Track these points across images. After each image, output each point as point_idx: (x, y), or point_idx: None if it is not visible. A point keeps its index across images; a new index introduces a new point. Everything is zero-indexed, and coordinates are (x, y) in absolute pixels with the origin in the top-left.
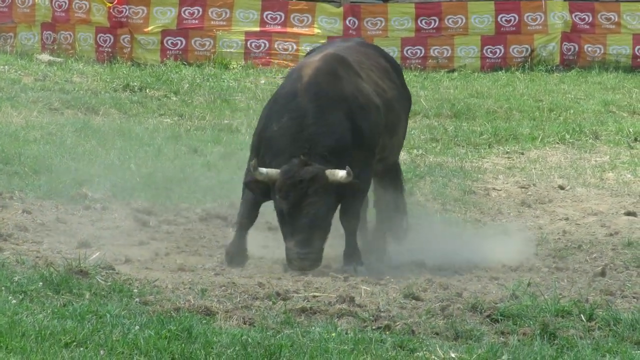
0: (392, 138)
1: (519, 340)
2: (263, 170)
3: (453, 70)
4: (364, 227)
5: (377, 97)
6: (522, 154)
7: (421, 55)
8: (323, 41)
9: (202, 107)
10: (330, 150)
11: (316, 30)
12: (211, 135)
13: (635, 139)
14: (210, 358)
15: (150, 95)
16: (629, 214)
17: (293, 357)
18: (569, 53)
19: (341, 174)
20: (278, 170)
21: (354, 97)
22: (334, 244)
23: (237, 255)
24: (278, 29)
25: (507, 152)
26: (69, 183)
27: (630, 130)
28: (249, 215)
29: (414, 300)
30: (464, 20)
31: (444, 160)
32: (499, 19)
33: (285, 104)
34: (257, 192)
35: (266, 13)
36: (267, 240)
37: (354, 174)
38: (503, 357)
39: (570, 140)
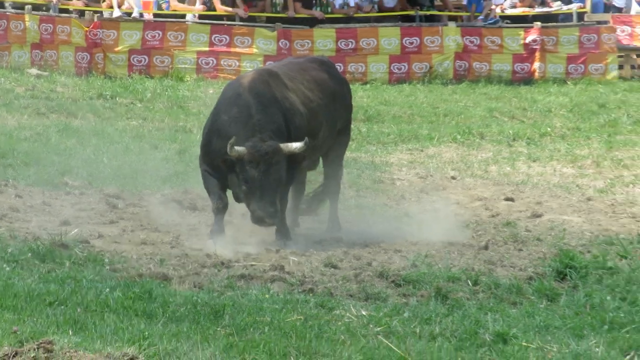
0: (315, 140)
1: (417, 301)
2: (238, 147)
3: (366, 83)
4: (295, 210)
5: (301, 105)
6: (422, 150)
7: (341, 70)
8: (260, 59)
9: (161, 112)
10: (272, 135)
11: (254, 50)
12: (169, 134)
13: (514, 139)
14: (167, 314)
15: (120, 103)
16: (507, 199)
17: (234, 314)
18: (461, 69)
19: (295, 145)
20: (244, 148)
21: (283, 100)
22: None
23: (219, 235)
24: (224, 49)
25: (410, 149)
26: (53, 173)
27: (510, 131)
28: (221, 200)
29: (332, 269)
30: (375, 42)
31: (358, 156)
32: (403, 42)
33: (232, 101)
34: (224, 169)
35: (214, 36)
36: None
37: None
38: (404, 314)
39: (461, 140)
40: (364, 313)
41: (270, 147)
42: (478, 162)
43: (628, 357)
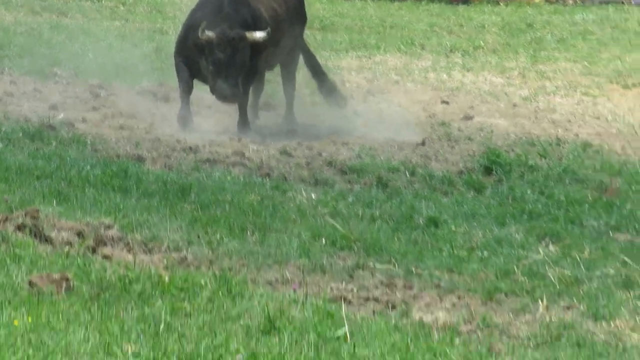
0: (279, 43)
1: (360, 188)
2: (208, 32)
3: None
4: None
5: (266, 13)
6: (370, 58)
7: None
8: None
9: (142, 15)
10: (239, 27)
11: None
12: (147, 35)
13: (451, 51)
14: (140, 190)
15: (105, 5)
16: (443, 102)
17: (199, 192)
18: None
19: (259, 34)
20: (214, 32)
21: (253, 6)
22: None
23: (186, 117)
24: None
25: (359, 56)
26: (44, 64)
27: (448, 44)
28: (188, 85)
29: (287, 157)
30: None
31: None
32: None
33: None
34: (195, 57)
35: None
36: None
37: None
38: (349, 199)
39: (404, 50)
40: (313, 196)
41: (237, 34)
42: (419, 70)
43: (543, 242)
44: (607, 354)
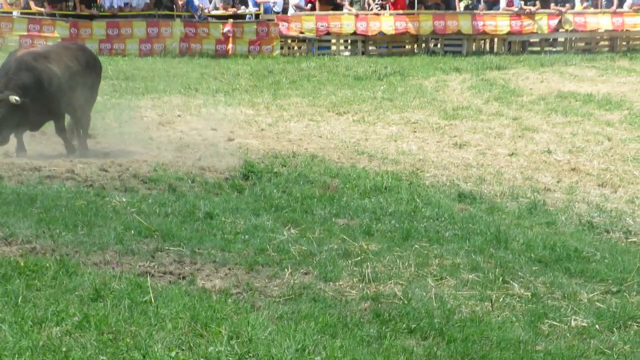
0: (73, 94)
1: (157, 192)
2: None
3: (125, 56)
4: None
5: (60, 70)
6: (159, 99)
7: (109, 48)
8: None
9: None
10: (20, 89)
11: (56, 35)
12: None
13: (216, 92)
14: (1, 199)
15: None
16: (212, 129)
17: (44, 200)
18: (184, 48)
19: (13, 98)
20: None
21: (41, 68)
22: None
23: (20, 151)
24: (36, 34)
25: (152, 98)
26: None
27: (214, 87)
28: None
29: (104, 172)
30: (130, 30)
31: (120, 102)
32: (148, 30)
33: (4, 63)
34: None
35: (30, 25)
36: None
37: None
38: (149, 201)
39: (184, 92)
40: (124, 200)
41: (2, 96)
42: (194, 106)
43: (286, 227)
44: (334, 306)
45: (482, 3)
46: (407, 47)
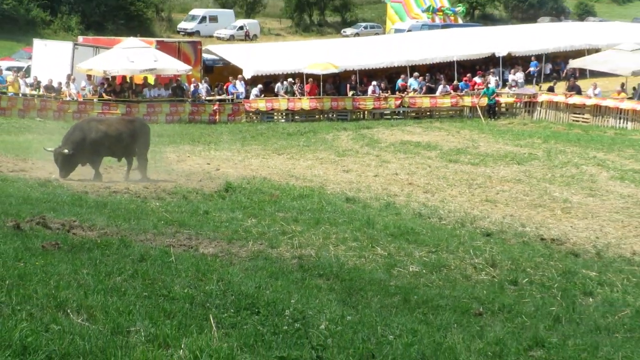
0: (124, 145)
1: (176, 199)
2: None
3: (157, 123)
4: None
5: (106, 129)
6: (177, 147)
7: (149, 119)
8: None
9: None
10: (71, 145)
11: None
12: None
13: (196, 142)
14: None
15: None
16: (207, 164)
17: (112, 205)
18: None
19: (63, 150)
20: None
21: (89, 128)
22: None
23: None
24: None
25: (173, 147)
26: None
27: (208, 140)
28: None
29: (146, 189)
30: None
31: (154, 149)
32: None
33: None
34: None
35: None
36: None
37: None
38: (171, 204)
39: (191, 143)
40: (157, 204)
41: (57, 149)
42: (197, 151)
43: (249, 218)
44: (277, 262)
45: (357, 91)
46: (316, 117)
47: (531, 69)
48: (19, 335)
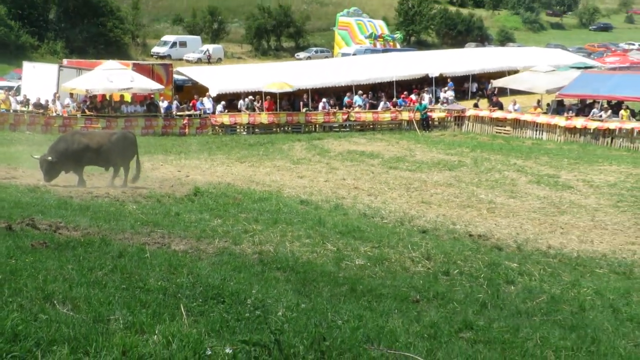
0: (104, 155)
1: (151, 202)
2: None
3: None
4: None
5: (88, 142)
6: (151, 157)
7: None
8: None
9: None
10: (55, 154)
11: None
12: None
13: (168, 152)
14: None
15: None
16: (178, 171)
17: (94, 208)
18: None
19: (47, 158)
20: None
21: (72, 140)
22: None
23: (81, 183)
24: None
25: (148, 157)
26: None
27: (179, 150)
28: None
29: (124, 193)
30: None
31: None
32: None
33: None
34: None
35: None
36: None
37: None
38: (147, 207)
39: (164, 153)
40: (134, 207)
41: (42, 157)
42: (169, 160)
43: (215, 219)
44: (240, 257)
45: (309, 107)
46: (274, 130)
47: (444, 90)
48: (11, 324)
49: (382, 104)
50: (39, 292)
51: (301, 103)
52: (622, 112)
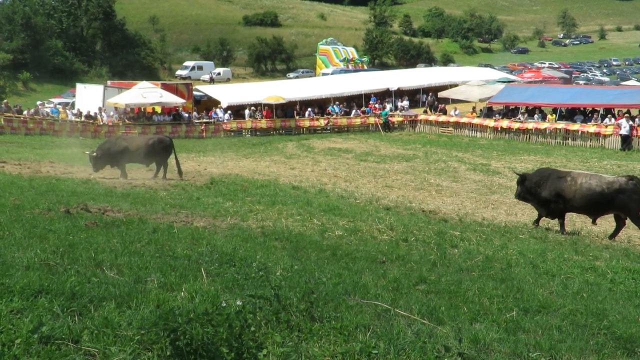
0: (139, 156)
1: (177, 190)
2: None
3: None
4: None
5: (127, 144)
6: (178, 155)
7: None
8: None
9: None
10: (99, 151)
11: None
12: None
13: (190, 151)
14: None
15: None
16: (198, 165)
17: (133, 195)
18: None
19: (92, 153)
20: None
21: (114, 142)
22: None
23: (124, 175)
24: None
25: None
26: None
27: (199, 150)
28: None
29: (156, 184)
30: None
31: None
32: None
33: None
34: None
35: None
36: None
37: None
38: (174, 194)
39: (187, 152)
40: (164, 194)
41: (90, 152)
42: (191, 157)
43: (227, 202)
44: (247, 231)
45: (300, 113)
46: (271, 133)
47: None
48: (70, 286)
49: (354, 111)
50: (91, 260)
51: (294, 112)
52: (549, 116)
